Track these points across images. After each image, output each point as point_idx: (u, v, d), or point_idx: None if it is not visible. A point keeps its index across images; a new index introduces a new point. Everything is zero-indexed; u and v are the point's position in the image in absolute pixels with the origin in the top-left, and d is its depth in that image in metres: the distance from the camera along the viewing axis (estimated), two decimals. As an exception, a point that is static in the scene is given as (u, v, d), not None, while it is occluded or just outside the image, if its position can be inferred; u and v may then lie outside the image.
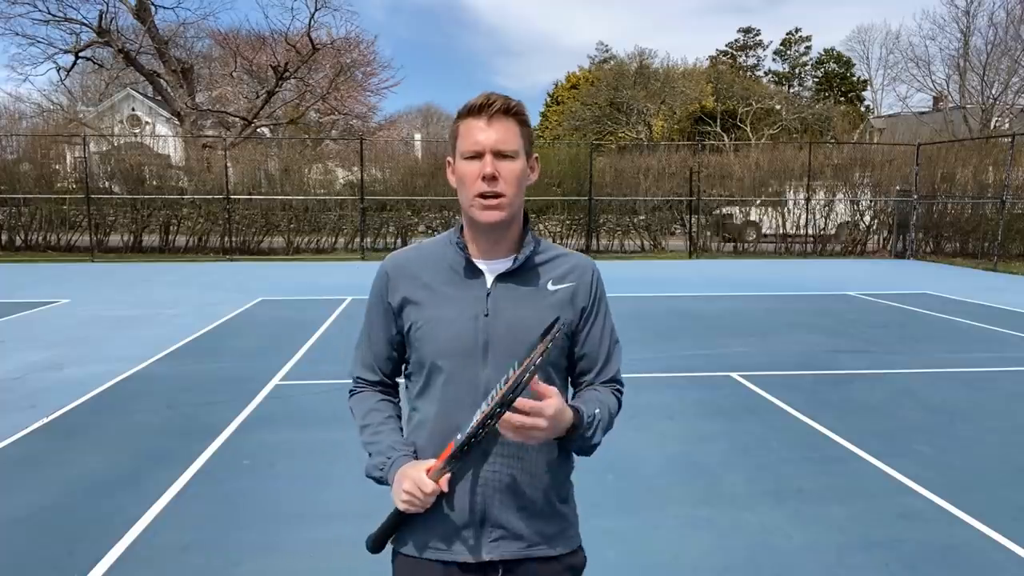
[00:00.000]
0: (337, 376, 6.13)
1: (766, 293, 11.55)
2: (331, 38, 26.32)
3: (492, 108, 1.36)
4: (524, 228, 1.49)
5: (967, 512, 3.57)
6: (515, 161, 1.38)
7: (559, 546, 1.48)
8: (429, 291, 1.45)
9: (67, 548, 3.19)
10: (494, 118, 1.36)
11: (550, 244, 1.53)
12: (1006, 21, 30.62)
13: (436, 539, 1.44)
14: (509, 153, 1.37)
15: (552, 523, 1.47)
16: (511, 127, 1.38)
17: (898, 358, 6.93)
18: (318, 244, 18.84)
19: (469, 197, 1.39)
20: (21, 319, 8.79)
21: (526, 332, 1.39)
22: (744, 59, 50.23)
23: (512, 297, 1.43)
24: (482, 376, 1.40)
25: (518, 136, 1.39)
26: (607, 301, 1.57)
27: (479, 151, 1.36)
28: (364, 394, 1.59)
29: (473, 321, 1.41)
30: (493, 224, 1.40)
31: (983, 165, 18.07)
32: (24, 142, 18.48)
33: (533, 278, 1.46)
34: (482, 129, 1.36)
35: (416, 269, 1.48)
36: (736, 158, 21.23)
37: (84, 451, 4.38)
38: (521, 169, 1.40)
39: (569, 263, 1.50)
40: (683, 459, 4.29)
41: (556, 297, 1.46)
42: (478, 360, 1.40)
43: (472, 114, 1.37)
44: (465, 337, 1.40)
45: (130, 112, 32.24)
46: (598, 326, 1.52)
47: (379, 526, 1.48)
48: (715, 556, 3.16)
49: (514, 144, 1.38)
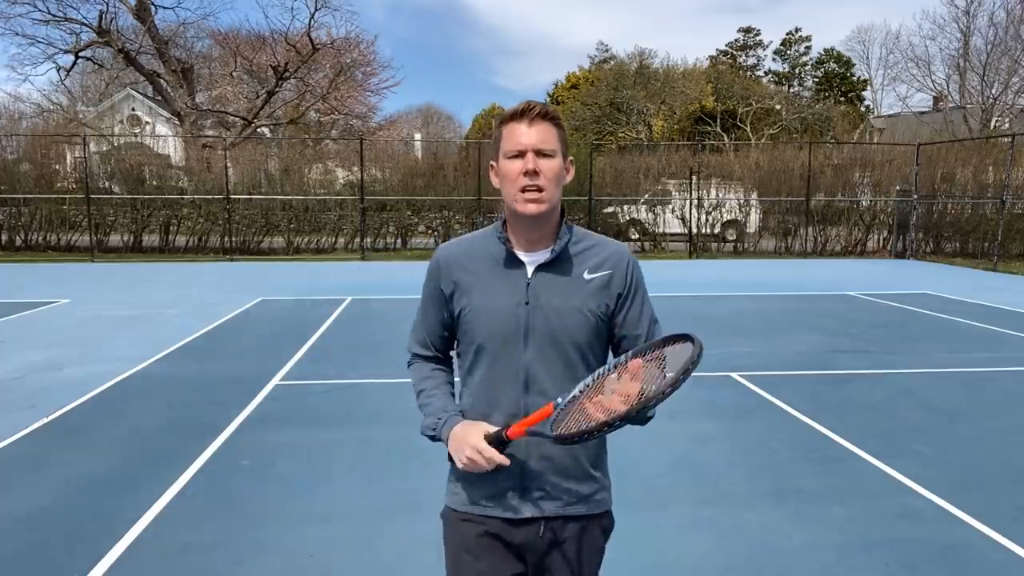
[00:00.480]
0: (337, 376, 6.13)
1: (766, 293, 11.55)
2: (331, 38, 26.34)
3: (532, 112, 1.51)
4: (560, 222, 1.60)
5: (967, 512, 3.57)
6: (553, 160, 1.52)
7: (593, 507, 1.66)
8: (476, 280, 1.60)
9: (67, 548, 3.19)
10: (534, 121, 1.51)
11: (585, 232, 1.66)
12: (1006, 21, 30.65)
13: (484, 498, 1.60)
14: (548, 152, 1.51)
15: (585, 485, 1.64)
16: (550, 129, 1.52)
17: (898, 358, 6.93)
18: (318, 244, 18.85)
19: (513, 192, 1.52)
20: (21, 319, 8.79)
21: (563, 320, 1.55)
22: (744, 59, 50.24)
23: (550, 286, 1.56)
24: (523, 359, 1.55)
25: (556, 138, 1.53)
26: (644, 286, 1.68)
27: (522, 150, 1.50)
28: (419, 364, 1.77)
29: (515, 309, 1.55)
30: (534, 216, 1.53)
31: (983, 165, 18.07)
32: (24, 142, 18.48)
33: (569, 268, 1.59)
34: (524, 132, 1.50)
35: (465, 260, 1.62)
36: (736, 158, 21.25)
37: (84, 451, 4.38)
38: (559, 167, 1.53)
39: (605, 253, 1.62)
40: (684, 459, 4.29)
41: (592, 285, 1.58)
42: (519, 344, 1.55)
43: (515, 119, 1.52)
44: (507, 324, 1.55)
45: (130, 112, 32.25)
46: (635, 309, 1.64)
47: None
48: (716, 556, 3.16)
49: (553, 144, 1.52)
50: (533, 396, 1.55)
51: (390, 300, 10.40)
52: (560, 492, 1.60)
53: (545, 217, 1.55)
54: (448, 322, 1.68)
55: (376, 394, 5.63)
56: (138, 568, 3.04)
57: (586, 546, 1.68)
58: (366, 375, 6.18)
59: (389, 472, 4.06)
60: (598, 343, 1.62)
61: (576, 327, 1.56)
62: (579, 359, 1.57)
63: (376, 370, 6.35)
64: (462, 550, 1.64)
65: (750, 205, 19.37)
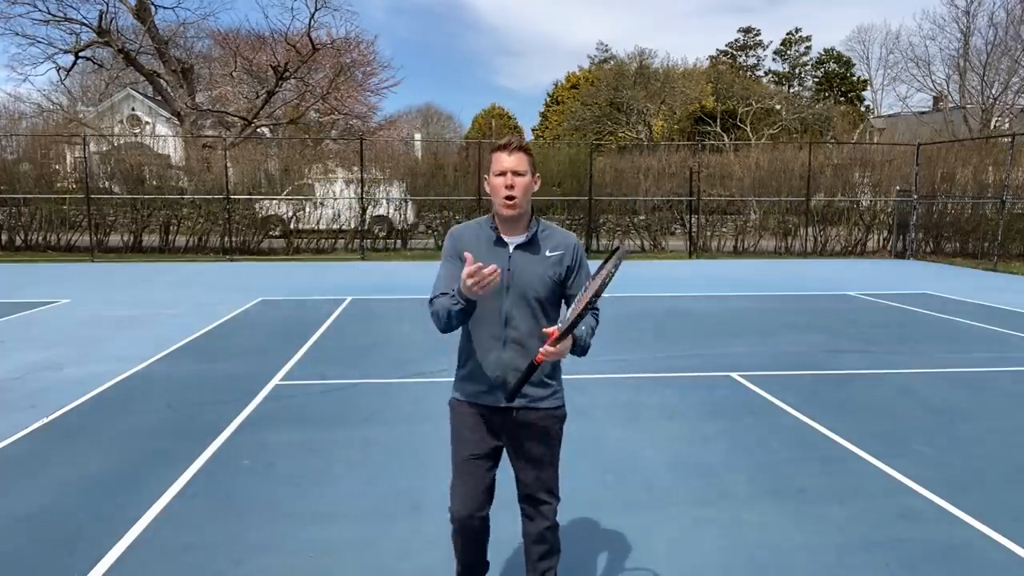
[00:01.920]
0: (337, 376, 6.13)
1: (766, 293, 11.55)
2: (331, 38, 26.33)
3: (512, 146, 2.32)
4: (531, 217, 2.40)
5: (967, 512, 3.57)
6: (524, 177, 2.32)
7: (548, 402, 2.43)
8: (477, 252, 2.27)
9: (67, 548, 3.19)
10: (513, 151, 2.31)
11: (548, 224, 2.45)
12: (1006, 21, 30.66)
13: (478, 392, 2.42)
14: (521, 172, 2.31)
15: (543, 389, 2.41)
16: (523, 157, 2.32)
17: (898, 358, 6.93)
18: (318, 244, 18.84)
19: (498, 200, 2.32)
20: (21, 319, 8.79)
21: (531, 281, 2.34)
22: (744, 59, 50.25)
23: (524, 259, 2.37)
24: (504, 306, 2.34)
25: (526, 163, 2.32)
26: (586, 263, 2.45)
27: (504, 171, 2.30)
28: (439, 297, 2.38)
29: (502, 273, 2.22)
30: (510, 216, 2.34)
31: (983, 165, 18.06)
32: (24, 142, 18.46)
33: (537, 248, 2.38)
34: (506, 159, 2.31)
35: (469, 237, 2.41)
36: (736, 158, 21.24)
37: (84, 451, 4.38)
38: (528, 182, 2.33)
39: (560, 238, 2.42)
40: (683, 459, 4.29)
41: (551, 260, 2.37)
42: (503, 296, 2.33)
43: (501, 149, 2.33)
44: (496, 282, 2.18)
45: (130, 112, 32.25)
46: (581, 275, 2.42)
47: (515, 383, 2.28)
48: (715, 556, 3.16)
49: (524, 167, 2.32)
50: (508, 330, 2.34)
51: (390, 300, 10.40)
52: (526, 391, 2.36)
53: (518, 216, 2.35)
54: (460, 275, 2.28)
55: (376, 394, 5.63)
56: (138, 568, 3.04)
57: (545, 428, 2.45)
58: (366, 375, 6.18)
59: (389, 472, 4.06)
60: (553, 298, 2.40)
61: (540, 286, 2.35)
62: (539, 308, 2.36)
63: (376, 370, 6.35)
64: (461, 425, 2.46)
65: (406, 201, 18.59)
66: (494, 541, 2.64)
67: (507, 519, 2.89)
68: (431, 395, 5.58)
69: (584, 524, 3.43)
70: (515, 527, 2.68)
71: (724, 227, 19.87)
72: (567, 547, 3.23)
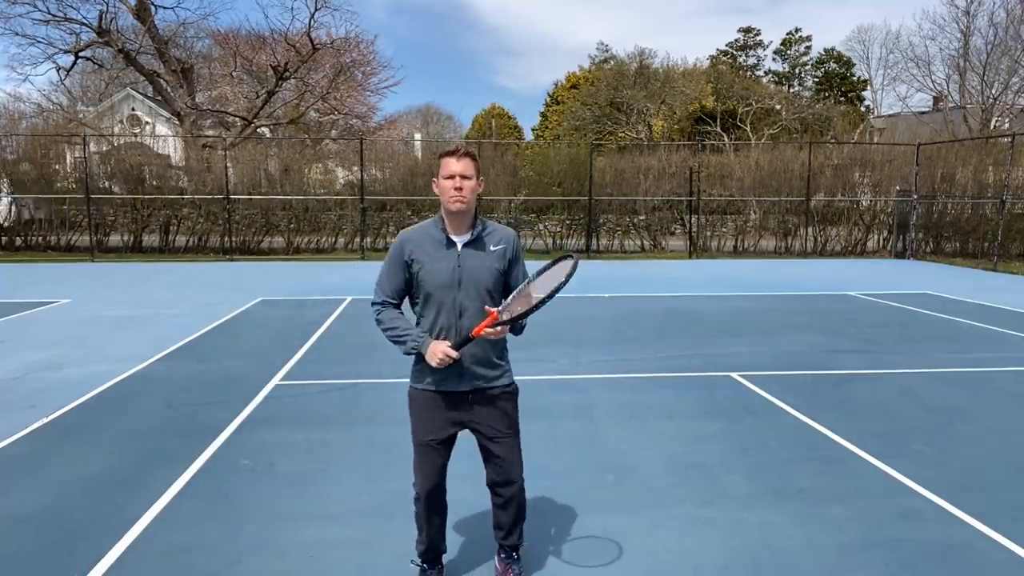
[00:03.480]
0: (337, 376, 6.13)
1: (766, 293, 11.54)
2: (331, 38, 26.31)
3: (459, 152, 2.60)
4: (475, 217, 2.68)
5: (967, 512, 3.57)
6: (471, 181, 2.60)
7: (501, 380, 2.74)
8: (426, 252, 2.65)
9: (67, 548, 3.19)
10: (461, 157, 2.59)
11: (489, 222, 2.74)
12: (1006, 21, 30.64)
13: (434, 379, 2.68)
14: (468, 176, 2.59)
15: (494, 369, 2.73)
16: (469, 163, 2.60)
17: (898, 358, 6.92)
18: (318, 244, 18.84)
19: (447, 198, 2.58)
20: (21, 319, 8.79)
21: (480, 274, 2.64)
22: (744, 59, 50.25)
23: (471, 255, 2.65)
24: (457, 298, 2.62)
25: (472, 168, 2.61)
26: (522, 255, 2.81)
27: (452, 175, 2.57)
28: (388, 310, 2.72)
29: (451, 270, 2.62)
30: (458, 211, 2.60)
31: (983, 165, 18.06)
32: (24, 142, 18.46)
33: (482, 245, 2.67)
34: (454, 164, 2.58)
35: (418, 239, 2.68)
36: (736, 158, 21.23)
37: (84, 451, 4.38)
38: (474, 185, 2.61)
39: (502, 234, 2.73)
40: (683, 459, 4.29)
41: (496, 254, 2.68)
42: (455, 290, 2.62)
43: (449, 155, 2.60)
44: (447, 278, 2.62)
45: (130, 112, 32.23)
46: (519, 267, 2.75)
47: (457, 342, 2.58)
48: (715, 556, 3.16)
49: (471, 171, 2.60)
50: (463, 320, 2.61)
51: (390, 300, 10.38)
52: (479, 375, 2.68)
53: (465, 213, 2.62)
54: (406, 279, 2.69)
55: (375, 394, 5.63)
56: (138, 568, 3.04)
57: (498, 406, 2.73)
58: (365, 375, 6.18)
59: (389, 472, 4.06)
60: (498, 287, 2.69)
61: (488, 278, 2.64)
62: (488, 296, 2.64)
63: (376, 370, 6.35)
64: (421, 411, 2.73)
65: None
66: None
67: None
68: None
69: (584, 524, 3.43)
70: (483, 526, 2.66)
71: (724, 227, 19.87)
72: (567, 546, 3.23)
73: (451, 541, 3.16)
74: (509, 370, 2.80)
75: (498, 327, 2.48)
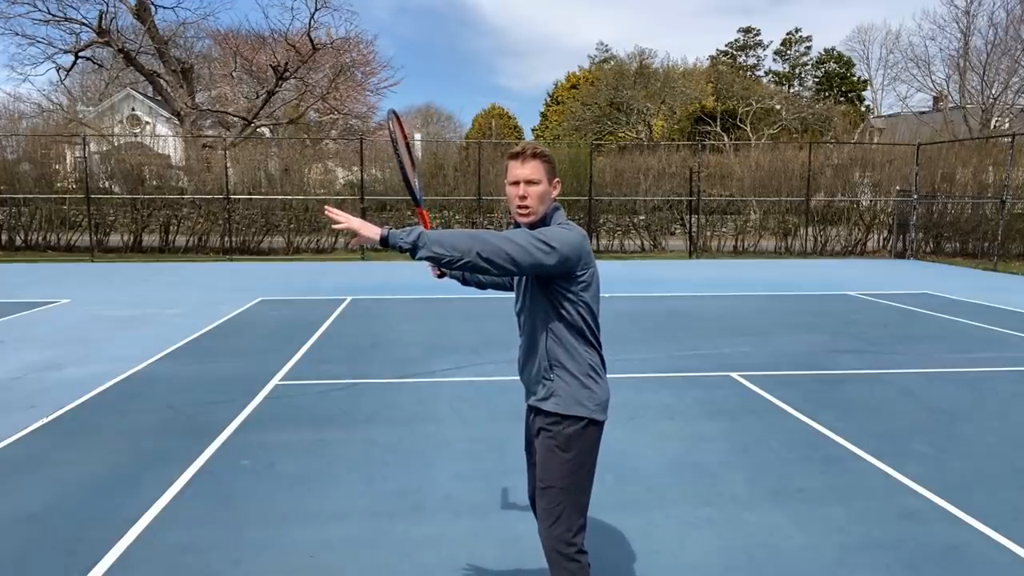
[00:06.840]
0: (337, 376, 6.13)
1: (766, 293, 11.54)
2: (331, 38, 26.32)
3: (525, 154, 2.22)
4: (549, 218, 2.28)
5: (967, 512, 3.57)
6: (538, 186, 2.21)
7: (546, 405, 2.26)
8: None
9: (67, 548, 3.19)
10: (526, 160, 2.21)
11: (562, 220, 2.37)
12: (1006, 21, 30.62)
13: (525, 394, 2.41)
14: (535, 181, 2.21)
15: (541, 388, 2.28)
16: (537, 165, 2.21)
17: (898, 358, 6.92)
18: (318, 244, 18.84)
19: (512, 208, 2.27)
20: (21, 319, 8.79)
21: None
22: (744, 59, 50.25)
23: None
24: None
25: (541, 171, 2.22)
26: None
27: (517, 180, 2.22)
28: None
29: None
30: (526, 224, 2.24)
31: (983, 165, 18.07)
32: (24, 142, 18.47)
33: None
34: (518, 168, 2.21)
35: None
36: (736, 158, 21.24)
37: (84, 451, 4.37)
38: (544, 190, 2.22)
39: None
40: (683, 459, 4.29)
41: None
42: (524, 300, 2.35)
43: (514, 158, 2.24)
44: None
45: (130, 112, 32.24)
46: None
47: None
48: (715, 556, 3.16)
49: (539, 175, 2.21)
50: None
51: (390, 300, 10.39)
52: (529, 387, 2.34)
53: (535, 223, 2.25)
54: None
55: (376, 394, 5.63)
56: (138, 568, 3.04)
57: (543, 440, 2.28)
58: (366, 375, 6.18)
59: (389, 472, 4.06)
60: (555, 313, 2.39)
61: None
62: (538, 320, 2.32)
63: (376, 370, 6.35)
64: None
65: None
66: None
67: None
68: (431, 395, 5.58)
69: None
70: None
71: (724, 227, 19.87)
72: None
73: (451, 542, 3.16)
74: (557, 393, 2.23)
75: (350, 219, 2.32)
